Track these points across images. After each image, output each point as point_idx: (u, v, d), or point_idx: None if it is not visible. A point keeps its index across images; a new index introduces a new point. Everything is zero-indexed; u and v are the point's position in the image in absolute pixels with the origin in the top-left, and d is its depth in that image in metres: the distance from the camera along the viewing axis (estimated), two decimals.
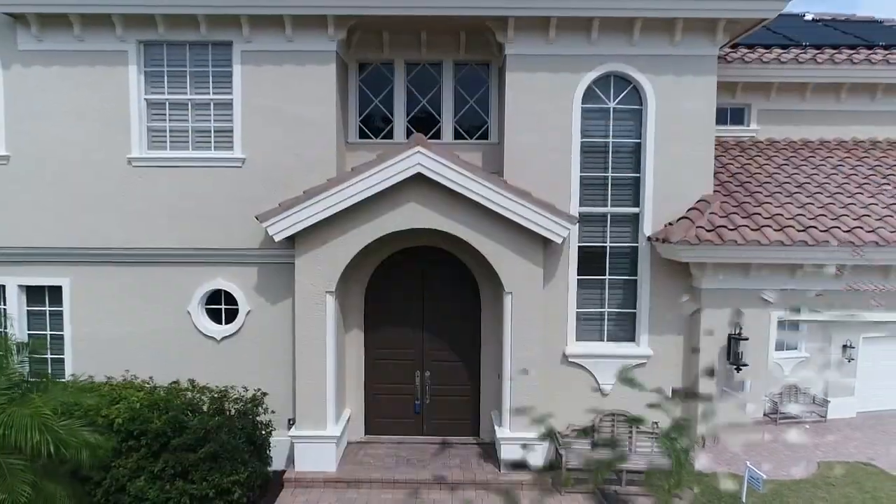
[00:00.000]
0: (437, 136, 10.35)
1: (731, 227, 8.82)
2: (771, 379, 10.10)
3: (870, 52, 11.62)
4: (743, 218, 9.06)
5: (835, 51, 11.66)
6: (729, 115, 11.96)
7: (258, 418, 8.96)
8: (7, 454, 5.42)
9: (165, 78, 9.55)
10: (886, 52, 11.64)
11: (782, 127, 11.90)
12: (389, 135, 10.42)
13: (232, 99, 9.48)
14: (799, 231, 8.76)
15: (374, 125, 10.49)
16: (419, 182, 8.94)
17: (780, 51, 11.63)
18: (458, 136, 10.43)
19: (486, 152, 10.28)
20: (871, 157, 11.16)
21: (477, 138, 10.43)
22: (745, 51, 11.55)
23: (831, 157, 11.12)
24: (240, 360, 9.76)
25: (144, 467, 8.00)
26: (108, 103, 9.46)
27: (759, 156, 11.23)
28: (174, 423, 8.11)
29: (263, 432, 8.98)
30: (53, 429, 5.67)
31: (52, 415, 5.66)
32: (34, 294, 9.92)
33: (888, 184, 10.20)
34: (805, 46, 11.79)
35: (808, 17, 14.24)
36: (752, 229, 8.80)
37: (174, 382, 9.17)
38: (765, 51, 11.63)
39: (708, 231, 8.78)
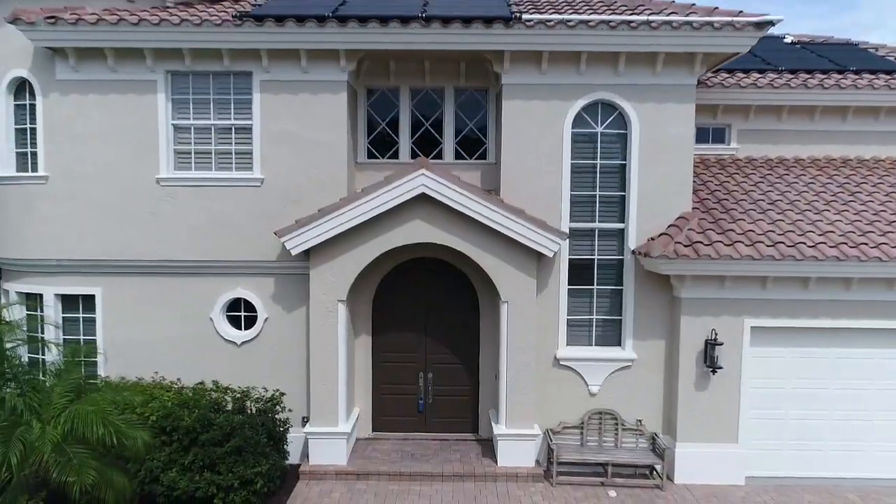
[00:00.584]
0: (439, 156, 11.23)
1: (707, 243, 9.70)
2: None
3: (840, 76, 12.49)
4: (718, 234, 9.95)
5: (808, 75, 12.54)
6: (711, 134, 12.82)
7: (277, 416, 9.83)
8: (75, 444, 6.28)
9: (191, 105, 10.42)
10: (856, 76, 12.51)
11: (761, 146, 12.77)
12: (395, 155, 11.29)
13: (252, 124, 10.35)
14: (768, 246, 9.64)
15: (382, 146, 11.37)
16: (423, 201, 9.83)
17: (757, 75, 12.51)
18: (458, 156, 11.30)
19: (484, 171, 11.16)
20: (841, 174, 12.04)
21: (476, 158, 11.30)
22: (726, 75, 12.41)
23: (804, 175, 12.00)
24: (258, 363, 10.64)
25: (176, 460, 8.85)
26: (139, 128, 10.33)
27: (738, 173, 12.11)
28: (202, 421, 8.98)
29: (282, 429, 9.84)
30: (115, 423, 6.55)
31: (113, 411, 6.53)
32: (69, 302, 10.81)
33: (854, 200, 11.06)
34: (781, 71, 12.67)
35: (788, 39, 15.12)
36: (726, 244, 9.67)
37: (200, 383, 10.04)
38: (744, 75, 12.50)
39: (685, 246, 9.66)
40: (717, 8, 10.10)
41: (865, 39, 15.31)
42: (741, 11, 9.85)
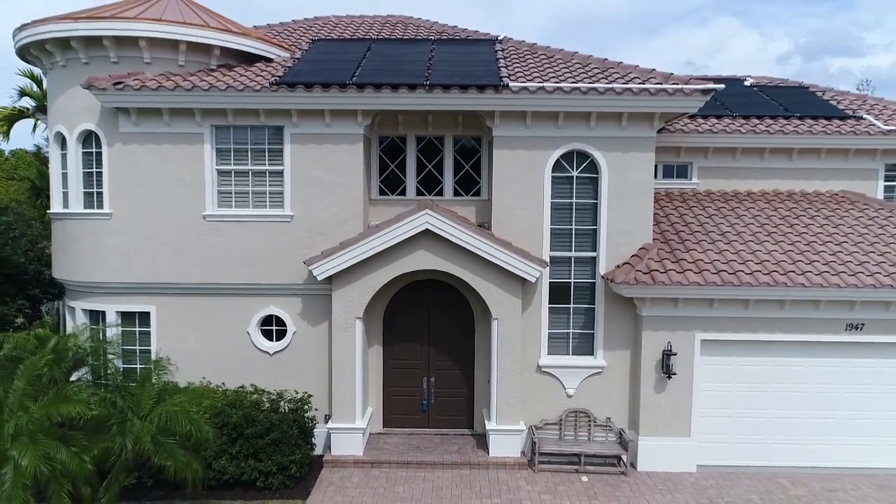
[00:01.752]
0: (440, 193, 13.23)
1: (662, 271, 11.69)
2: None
3: (786, 122, 14.50)
4: (672, 262, 11.93)
5: (759, 121, 14.55)
6: (675, 171, 14.83)
7: (306, 414, 11.82)
8: (166, 436, 8.23)
9: (232, 153, 12.40)
10: (799, 122, 14.52)
11: (718, 181, 14.78)
12: (403, 192, 13.28)
13: (283, 169, 12.33)
14: (713, 274, 11.63)
15: (391, 184, 13.35)
16: (427, 235, 11.81)
17: (715, 121, 14.51)
18: (456, 193, 13.29)
19: (478, 207, 13.15)
20: (785, 206, 14.04)
21: (471, 195, 13.29)
22: (688, 121, 14.40)
23: (753, 207, 14.00)
24: (288, 369, 12.62)
25: (225, 450, 10.82)
26: (188, 172, 12.31)
27: (697, 206, 14.10)
28: (247, 418, 10.97)
29: (310, 425, 11.83)
30: (195, 419, 8.50)
31: (195, 409, 8.47)
32: (127, 317, 12.79)
33: (791, 231, 13.05)
34: (735, 116, 14.69)
35: (748, 82, 17.14)
36: (678, 272, 11.67)
37: (241, 387, 12.02)
38: (703, 121, 14.50)
39: (644, 274, 11.66)
40: (672, 74, 12.12)
41: (815, 83, 17.25)
42: (691, 78, 11.86)
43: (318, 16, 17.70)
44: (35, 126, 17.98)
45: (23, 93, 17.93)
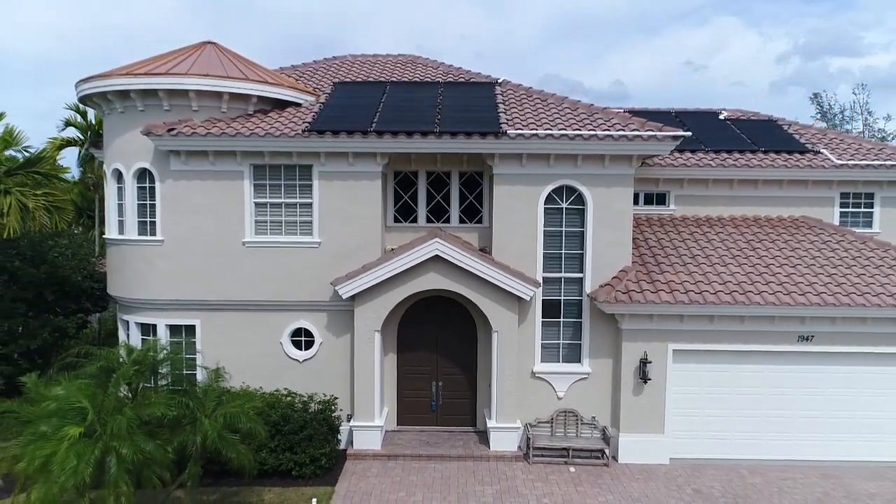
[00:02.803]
0: (447, 220, 15.15)
1: (639, 291, 13.62)
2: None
3: (752, 155, 16.43)
4: (648, 284, 13.86)
5: (728, 154, 16.48)
6: (655, 198, 16.76)
7: (333, 414, 13.75)
8: (228, 432, 10.13)
9: (268, 188, 14.32)
10: (764, 155, 16.45)
11: (693, 207, 16.71)
12: (415, 220, 15.19)
13: (312, 202, 14.25)
14: (682, 293, 13.55)
15: (404, 213, 15.27)
16: (437, 260, 13.72)
17: (689, 154, 16.44)
18: (461, 220, 15.19)
19: (481, 233, 15.06)
20: (750, 231, 15.97)
21: (475, 222, 15.20)
22: (667, 155, 16.30)
23: (722, 232, 15.92)
24: (315, 375, 14.53)
25: (266, 444, 12.72)
26: (229, 204, 14.23)
27: (673, 230, 16.03)
28: (284, 417, 12.91)
29: (336, 423, 13.76)
30: (252, 418, 10.38)
31: (249, 411, 10.36)
32: (174, 329, 14.71)
33: (753, 254, 14.97)
34: (708, 150, 16.61)
35: (722, 115, 19.06)
36: (652, 292, 13.59)
37: (276, 390, 13.94)
38: (679, 154, 16.41)
39: (622, 293, 13.58)
40: (647, 121, 14.05)
41: (783, 117, 19.13)
42: (663, 126, 13.77)
43: (336, 55, 19.62)
44: (80, 154, 19.86)
45: (68, 123, 19.84)
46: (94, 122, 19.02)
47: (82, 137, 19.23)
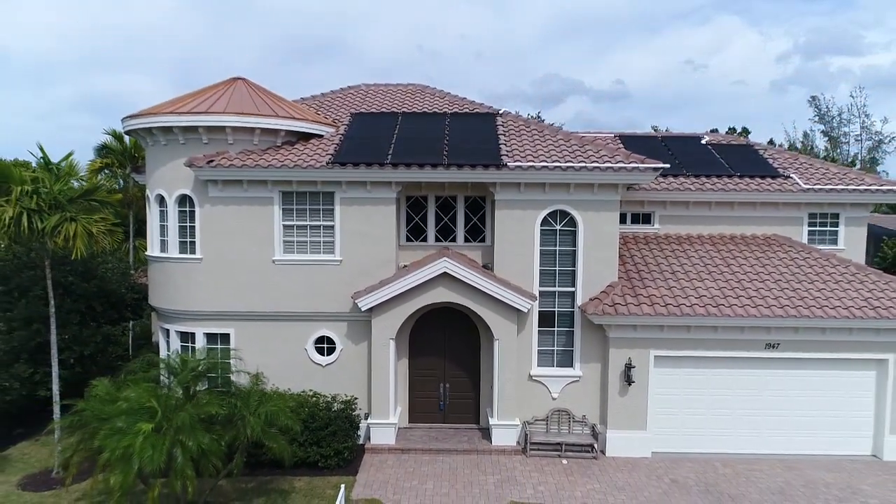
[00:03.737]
0: (454, 239, 16.93)
1: (623, 304, 15.40)
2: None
3: (729, 179, 18.21)
4: (632, 297, 15.64)
5: (707, 179, 18.26)
6: (641, 218, 18.54)
7: (353, 413, 15.55)
8: (269, 427, 11.92)
9: (294, 212, 16.11)
10: (739, 179, 18.23)
11: (676, 226, 18.49)
12: (425, 239, 16.98)
13: (334, 224, 16.04)
14: (661, 306, 15.33)
15: (415, 232, 17.06)
16: (445, 276, 15.50)
17: (672, 179, 18.21)
18: (466, 239, 16.98)
19: (483, 251, 16.85)
20: (726, 248, 17.74)
21: (478, 241, 16.99)
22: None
23: (700, 249, 17.70)
24: (336, 378, 16.32)
25: (296, 439, 14.50)
26: (261, 226, 16.02)
27: (656, 248, 17.81)
28: (311, 414, 14.71)
29: (356, 420, 15.56)
30: (289, 416, 12.16)
31: (286, 409, 12.13)
32: (211, 337, 16.51)
33: (727, 270, 16.75)
34: (689, 175, 18.39)
35: (704, 140, 20.83)
36: (635, 305, 15.37)
37: (302, 391, 15.72)
38: (663, 179, 18.17)
39: (609, 306, 15.37)
40: (631, 154, 15.84)
41: (759, 141, 20.92)
42: (645, 158, 15.56)
43: (350, 85, 21.42)
44: (117, 175, 21.62)
45: (105, 147, 21.64)
46: (129, 146, 20.79)
47: (119, 161, 21.02)
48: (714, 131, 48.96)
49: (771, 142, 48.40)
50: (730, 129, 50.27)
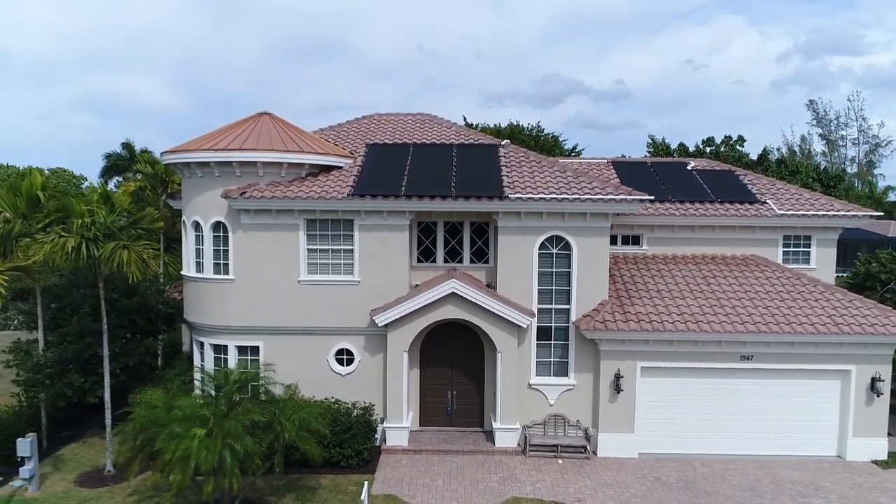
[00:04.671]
0: (460, 261, 18.76)
1: (612, 321, 17.21)
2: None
3: (710, 205, 20.02)
4: (620, 315, 17.46)
5: (690, 204, 20.07)
6: (631, 240, 20.36)
7: (371, 417, 17.38)
8: (302, 431, 13.75)
9: (318, 237, 17.93)
10: (720, 205, 20.04)
11: (662, 247, 20.30)
12: (434, 260, 18.81)
13: (353, 248, 17.87)
14: (647, 323, 17.14)
15: (425, 254, 18.87)
16: (452, 295, 17.30)
17: (658, 205, 20.02)
18: (472, 260, 18.80)
19: (487, 271, 18.67)
20: (707, 268, 19.55)
21: (482, 262, 18.80)
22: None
23: (684, 269, 19.51)
24: (355, 386, 18.14)
25: (321, 441, 16.30)
26: (288, 250, 17.85)
27: (644, 267, 19.62)
28: (334, 419, 16.52)
29: (374, 424, 17.39)
30: (321, 422, 13.99)
31: (318, 415, 13.95)
32: (242, 349, 18.33)
33: (707, 288, 18.56)
34: (674, 200, 20.19)
35: (690, 166, 22.63)
36: (623, 322, 17.19)
37: (325, 398, 17.53)
38: (650, 205, 19.97)
39: (600, 323, 17.18)
40: (620, 186, 17.64)
41: (742, 172, 22.71)
42: (631, 190, 17.37)
43: (364, 115, 23.27)
44: (151, 197, 23.38)
45: (138, 171, 23.48)
46: (160, 171, 22.58)
47: (151, 184, 22.86)
48: (710, 140, 50.79)
49: (764, 152, 49.79)
50: (725, 137, 51.77)
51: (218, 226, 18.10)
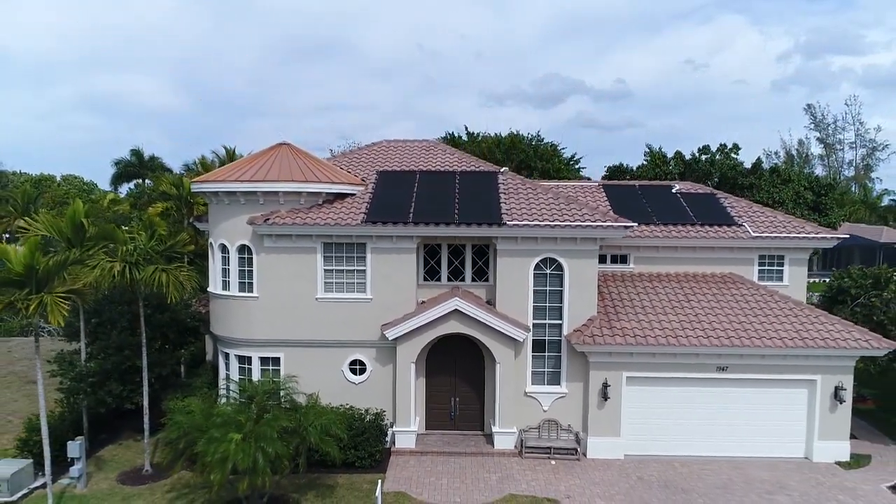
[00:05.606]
0: (462, 279, 20.60)
1: (600, 335, 19.05)
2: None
3: (692, 227, 21.85)
4: (607, 329, 19.29)
5: (674, 227, 21.90)
6: (619, 258, 22.19)
7: (382, 422, 19.22)
8: (324, 436, 15.58)
9: (333, 259, 19.79)
10: (701, 227, 21.87)
11: (648, 266, 22.13)
12: (439, 279, 20.65)
13: (366, 269, 19.72)
14: (631, 337, 18.98)
15: (431, 273, 20.72)
16: (456, 312, 19.15)
17: (644, 227, 21.84)
18: (473, 279, 20.65)
19: (487, 289, 20.51)
20: (688, 285, 21.37)
21: (483, 280, 20.64)
22: None
23: (667, 286, 21.33)
24: (367, 394, 19.98)
25: (337, 444, 18.17)
26: (306, 270, 19.70)
27: (630, 284, 21.45)
28: (349, 424, 18.36)
29: (385, 429, 19.23)
30: (340, 427, 15.84)
31: (337, 420, 15.78)
32: (264, 360, 20.18)
33: (687, 305, 20.38)
34: (658, 223, 22.02)
35: (675, 189, 24.46)
36: (610, 336, 19.02)
37: (340, 405, 19.36)
38: (636, 226, 21.76)
39: (589, 337, 19.02)
40: (610, 211, 19.48)
41: (725, 196, 24.53)
42: (618, 217, 19.22)
43: (374, 142, 25.13)
44: (178, 218, 25.25)
45: (164, 193, 25.36)
46: (186, 193, 24.45)
47: (176, 205, 24.74)
48: (706, 149, 52.36)
49: (758, 161, 51.24)
50: (721, 145, 53.33)
51: (243, 248, 19.96)
